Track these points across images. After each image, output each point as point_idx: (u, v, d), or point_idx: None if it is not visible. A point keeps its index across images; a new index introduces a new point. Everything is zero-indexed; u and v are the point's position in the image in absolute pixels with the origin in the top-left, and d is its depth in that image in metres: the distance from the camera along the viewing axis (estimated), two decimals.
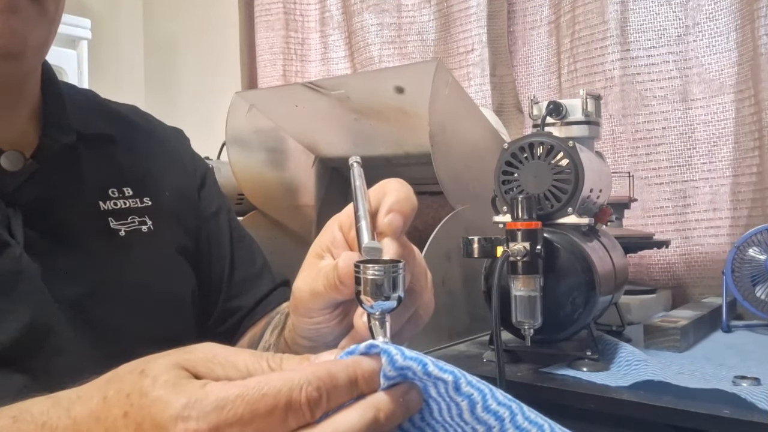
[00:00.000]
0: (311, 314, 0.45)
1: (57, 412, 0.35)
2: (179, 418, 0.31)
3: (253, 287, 0.73)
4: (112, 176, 0.64)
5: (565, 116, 0.88)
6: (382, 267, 0.38)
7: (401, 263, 0.38)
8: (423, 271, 0.45)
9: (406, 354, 0.35)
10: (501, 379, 0.67)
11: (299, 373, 0.33)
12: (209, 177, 0.76)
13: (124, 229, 0.62)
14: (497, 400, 0.35)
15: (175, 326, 0.64)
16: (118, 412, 0.33)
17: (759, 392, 0.64)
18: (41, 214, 0.57)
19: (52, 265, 0.56)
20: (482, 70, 1.47)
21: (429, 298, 0.46)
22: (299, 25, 1.78)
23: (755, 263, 0.96)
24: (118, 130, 0.67)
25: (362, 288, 0.38)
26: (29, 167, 0.57)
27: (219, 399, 0.31)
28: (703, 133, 1.24)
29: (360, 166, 0.49)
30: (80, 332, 0.56)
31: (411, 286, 0.43)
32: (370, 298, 0.38)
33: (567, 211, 0.79)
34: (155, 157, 0.69)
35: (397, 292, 0.38)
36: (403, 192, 0.44)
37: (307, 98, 1.07)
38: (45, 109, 0.61)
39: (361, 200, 0.44)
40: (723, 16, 1.21)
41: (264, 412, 0.31)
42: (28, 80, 0.59)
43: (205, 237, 0.71)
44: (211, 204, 0.73)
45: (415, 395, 0.36)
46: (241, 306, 0.72)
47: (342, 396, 0.34)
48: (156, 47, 2.27)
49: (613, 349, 0.79)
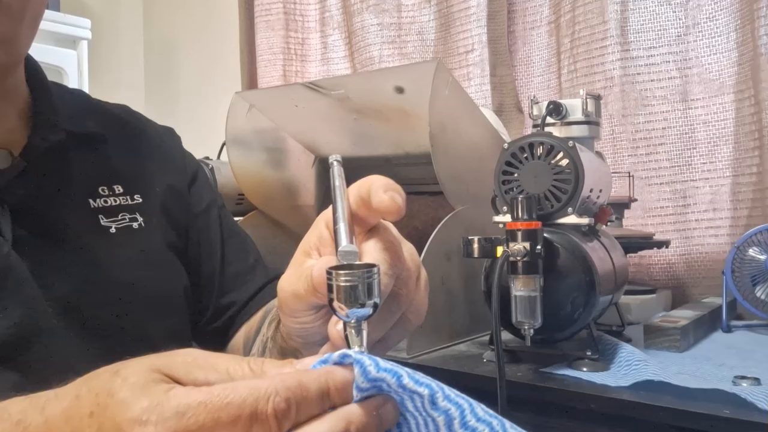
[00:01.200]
0: (295, 314, 0.43)
1: (33, 411, 0.34)
2: (137, 421, 0.30)
3: (246, 282, 0.73)
4: (102, 174, 0.64)
5: (565, 116, 0.88)
6: (354, 273, 0.35)
7: (375, 267, 0.36)
8: (412, 274, 0.43)
9: (381, 365, 0.33)
10: (501, 379, 0.67)
11: (267, 382, 0.31)
12: (200, 174, 0.76)
13: (115, 226, 0.62)
14: (476, 416, 0.33)
15: (167, 323, 0.64)
16: (86, 411, 0.32)
17: (759, 392, 0.64)
18: (30, 212, 0.57)
19: (41, 263, 0.56)
20: (482, 70, 1.47)
21: (420, 302, 0.44)
22: (299, 25, 1.78)
23: (755, 263, 0.96)
24: (108, 128, 0.67)
25: (335, 295, 0.36)
26: (17, 165, 0.57)
27: (180, 405, 0.30)
28: (703, 133, 1.24)
29: (340, 165, 0.47)
30: (70, 330, 0.56)
31: (397, 290, 0.41)
32: (343, 306, 0.35)
33: (567, 211, 0.79)
34: (146, 155, 0.69)
35: (373, 298, 0.36)
36: (389, 180, 0.41)
37: (307, 98, 1.07)
38: (34, 107, 0.61)
39: (340, 201, 0.42)
40: (723, 16, 1.21)
41: (227, 422, 0.30)
42: (8, 77, 0.59)
43: (195, 233, 0.71)
44: (202, 200, 0.74)
45: (390, 409, 0.34)
46: (235, 301, 0.72)
47: (312, 408, 0.32)
48: (156, 47, 2.27)
49: (613, 349, 0.79)
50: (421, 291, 0.44)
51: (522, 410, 0.73)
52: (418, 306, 0.44)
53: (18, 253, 0.55)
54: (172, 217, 0.69)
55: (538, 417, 0.73)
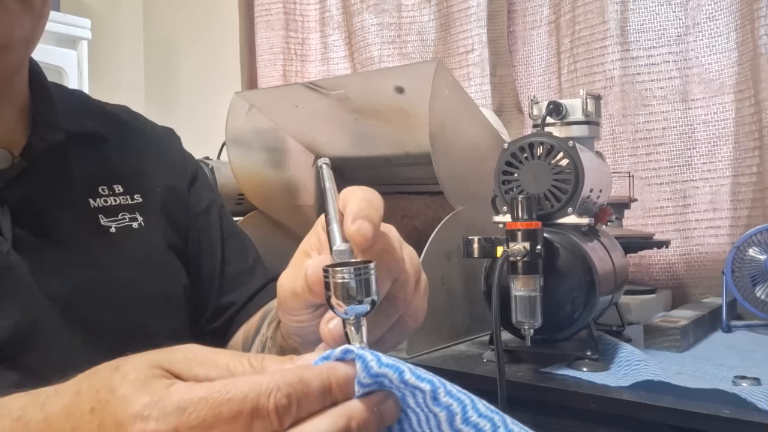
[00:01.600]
0: (293, 313, 0.43)
1: (33, 407, 0.34)
2: (138, 417, 0.30)
3: (245, 282, 0.73)
4: (102, 173, 0.64)
5: (565, 116, 0.88)
6: (351, 269, 0.36)
7: (372, 263, 0.36)
8: (411, 277, 0.43)
9: (383, 361, 0.33)
10: (501, 379, 0.67)
11: (268, 378, 0.31)
12: (200, 174, 0.76)
13: (115, 225, 0.62)
14: (478, 412, 0.33)
15: (167, 323, 0.64)
16: (86, 407, 0.32)
17: (759, 392, 0.64)
18: (30, 211, 0.57)
19: (41, 263, 0.56)
20: (482, 70, 1.47)
21: (418, 306, 0.44)
22: (299, 25, 1.78)
23: (755, 263, 0.96)
24: (108, 128, 0.68)
25: (332, 293, 0.36)
26: (17, 165, 0.57)
27: (182, 400, 0.30)
28: (703, 133, 1.24)
29: (329, 168, 0.47)
30: (70, 329, 0.56)
31: (394, 293, 0.41)
32: (341, 303, 0.36)
33: (567, 211, 0.79)
34: (146, 155, 0.69)
35: (370, 295, 0.36)
36: (365, 198, 0.41)
37: (307, 98, 1.07)
38: (34, 108, 0.61)
39: (332, 202, 0.42)
40: (723, 16, 1.21)
41: (228, 417, 0.30)
42: (15, 77, 0.59)
43: (195, 233, 0.72)
44: (201, 201, 0.74)
45: (391, 405, 0.34)
46: (234, 301, 0.72)
47: (314, 404, 0.32)
48: (156, 47, 2.27)
49: (613, 349, 0.79)
50: (420, 295, 0.44)
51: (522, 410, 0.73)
52: (416, 309, 0.44)
53: (18, 253, 0.55)
54: (172, 217, 0.69)
55: (538, 417, 0.73)
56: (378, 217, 0.40)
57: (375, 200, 0.41)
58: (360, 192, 0.42)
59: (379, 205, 0.41)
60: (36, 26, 0.55)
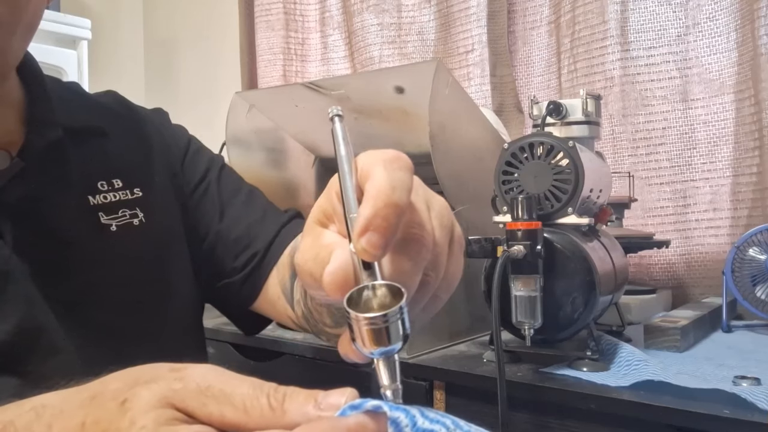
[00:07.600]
0: (314, 290, 0.38)
1: (39, 428, 0.33)
2: None
3: (261, 232, 0.71)
4: (101, 169, 0.64)
5: (565, 116, 0.88)
6: (379, 317, 0.31)
7: (403, 300, 0.31)
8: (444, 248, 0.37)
9: (419, 425, 0.30)
10: (501, 379, 0.67)
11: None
12: (192, 145, 0.75)
13: (116, 223, 0.62)
14: None
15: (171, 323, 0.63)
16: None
17: (759, 392, 0.64)
18: (29, 212, 0.57)
19: (41, 265, 0.55)
20: (482, 70, 1.47)
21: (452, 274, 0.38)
22: (299, 25, 1.78)
23: (755, 263, 0.96)
24: (104, 120, 0.67)
25: (356, 336, 0.31)
26: (15, 165, 0.57)
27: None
28: (703, 133, 1.24)
29: (342, 120, 0.38)
30: (73, 332, 0.55)
31: (425, 278, 0.36)
32: (368, 347, 0.31)
33: (567, 211, 0.79)
34: (142, 145, 0.69)
35: (403, 335, 0.31)
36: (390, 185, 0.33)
37: (307, 98, 1.07)
38: (30, 106, 0.61)
39: (349, 177, 0.34)
40: (723, 16, 1.21)
41: None
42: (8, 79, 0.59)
43: (194, 205, 0.71)
44: (196, 172, 0.73)
45: None
46: (255, 252, 0.70)
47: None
48: (156, 47, 2.27)
49: (613, 349, 0.79)
50: (454, 257, 0.39)
51: (522, 410, 0.73)
52: (451, 278, 0.39)
53: (18, 254, 0.54)
54: (172, 202, 0.68)
55: (538, 417, 0.73)
56: (395, 214, 0.33)
57: (399, 183, 0.34)
58: (383, 171, 0.34)
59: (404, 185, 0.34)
60: (7, 39, 0.53)
